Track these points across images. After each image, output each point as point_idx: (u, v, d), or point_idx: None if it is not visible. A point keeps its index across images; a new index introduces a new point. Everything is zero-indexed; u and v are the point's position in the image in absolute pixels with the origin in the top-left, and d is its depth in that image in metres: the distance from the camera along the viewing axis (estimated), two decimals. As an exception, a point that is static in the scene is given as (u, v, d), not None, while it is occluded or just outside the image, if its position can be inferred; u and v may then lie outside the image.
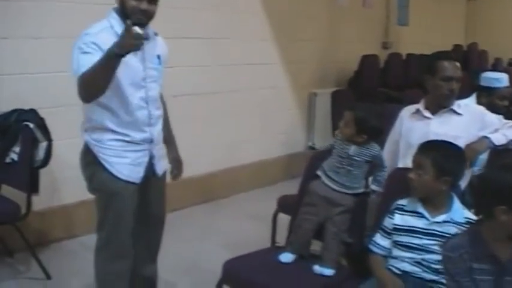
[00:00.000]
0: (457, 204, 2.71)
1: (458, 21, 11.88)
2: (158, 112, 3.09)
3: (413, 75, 8.60)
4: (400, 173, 3.00)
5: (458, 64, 3.51)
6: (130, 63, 2.86)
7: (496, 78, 4.44)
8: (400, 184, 2.88)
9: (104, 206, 3.00)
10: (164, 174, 3.22)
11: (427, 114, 3.55)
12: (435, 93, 3.51)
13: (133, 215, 3.04)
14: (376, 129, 3.15)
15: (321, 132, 7.29)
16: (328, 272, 3.02)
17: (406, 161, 3.43)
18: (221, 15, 5.91)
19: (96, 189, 3.04)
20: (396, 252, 2.72)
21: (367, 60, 7.78)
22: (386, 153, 3.60)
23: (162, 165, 3.19)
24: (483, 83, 4.44)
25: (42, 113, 4.09)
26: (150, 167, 3.09)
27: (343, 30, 7.82)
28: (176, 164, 3.34)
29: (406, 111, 3.67)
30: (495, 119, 3.54)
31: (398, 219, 2.74)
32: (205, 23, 5.76)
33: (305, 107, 7.29)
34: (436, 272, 2.60)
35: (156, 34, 3.07)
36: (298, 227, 3.20)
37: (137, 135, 2.98)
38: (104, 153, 2.95)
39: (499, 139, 3.35)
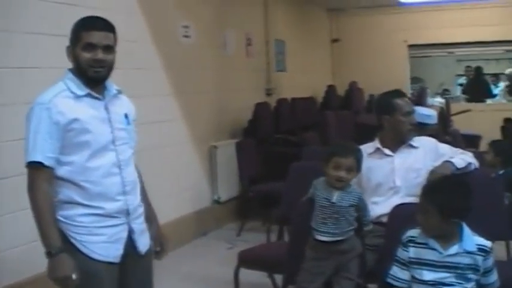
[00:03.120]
0: (466, 232, 2.72)
1: (326, 63, 12.31)
2: (132, 178, 2.78)
3: (301, 118, 8.76)
4: (401, 209, 3.15)
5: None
6: (94, 129, 2.63)
7: (429, 115, 4.67)
8: (402, 220, 2.98)
9: None
10: (150, 251, 2.84)
11: (388, 152, 3.64)
12: (396, 130, 3.62)
13: None
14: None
15: (225, 185, 7.19)
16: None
17: (375, 198, 3.56)
18: (120, 72, 5.63)
19: None
20: (416, 286, 2.71)
21: (260, 108, 7.79)
22: None
23: (145, 242, 2.80)
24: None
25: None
26: (131, 244, 2.71)
27: (232, 80, 7.80)
28: (160, 241, 2.94)
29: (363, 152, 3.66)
30: (447, 148, 3.67)
31: (412, 252, 2.73)
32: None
33: (206, 160, 7.11)
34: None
35: (119, 92, 2.82)
36: (310, 283, 3.02)
37: (110, 206, 2.64)
38: (74, 231, 2.59)
39: (460, 163, 3.46)
